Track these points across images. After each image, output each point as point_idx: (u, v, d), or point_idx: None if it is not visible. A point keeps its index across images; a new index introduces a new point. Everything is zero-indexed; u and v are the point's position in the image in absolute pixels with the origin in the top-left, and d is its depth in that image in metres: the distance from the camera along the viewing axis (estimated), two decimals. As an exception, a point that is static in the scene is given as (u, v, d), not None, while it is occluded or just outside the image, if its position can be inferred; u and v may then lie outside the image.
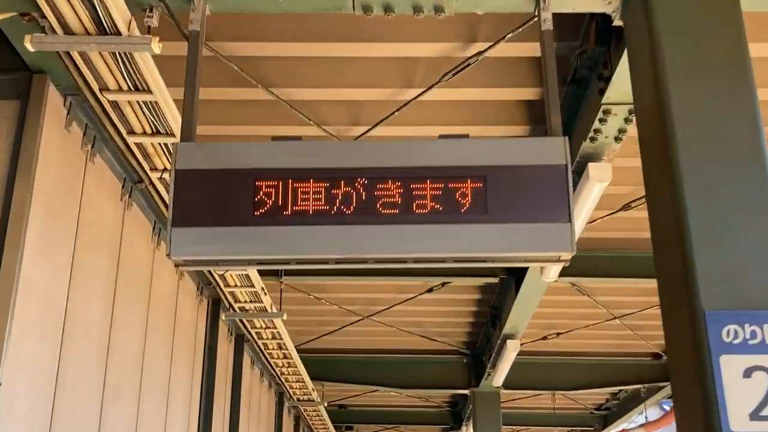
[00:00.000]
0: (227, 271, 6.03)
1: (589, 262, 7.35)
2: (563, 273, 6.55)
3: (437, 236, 2.91)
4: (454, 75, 4.51)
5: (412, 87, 4.85)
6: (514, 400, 12.23)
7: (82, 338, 4.62)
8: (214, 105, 4.97)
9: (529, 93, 4.86)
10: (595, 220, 6.42)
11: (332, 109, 5.10)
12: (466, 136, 3.06)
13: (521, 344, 8.29)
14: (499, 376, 9.05)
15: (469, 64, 4.43)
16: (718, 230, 2.77)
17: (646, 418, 11.83)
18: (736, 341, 2.65)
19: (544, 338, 9.60)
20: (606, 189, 4.82)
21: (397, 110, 4.89)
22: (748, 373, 2.61)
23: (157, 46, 3.30)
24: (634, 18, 3.36)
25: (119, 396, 5.25)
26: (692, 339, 2.69)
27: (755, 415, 2.56)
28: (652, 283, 7.85)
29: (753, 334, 2.66)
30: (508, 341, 8.00)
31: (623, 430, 12.29)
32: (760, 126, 2.96)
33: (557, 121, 3.08)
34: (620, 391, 11.86)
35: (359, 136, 5.11)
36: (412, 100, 4.79)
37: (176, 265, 3.01)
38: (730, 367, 2.62)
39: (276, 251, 2.94)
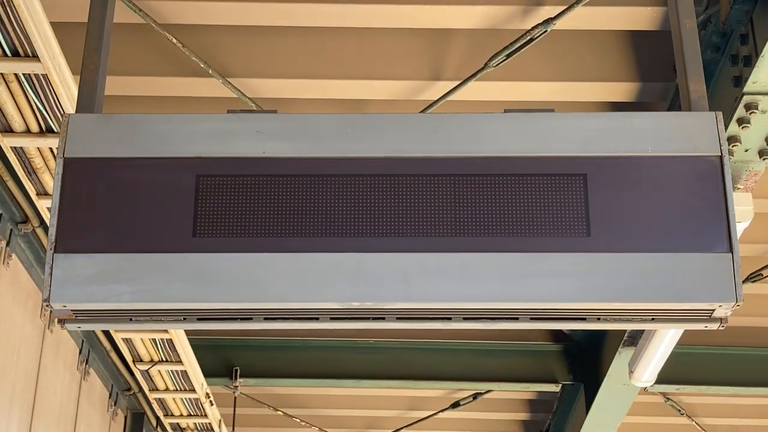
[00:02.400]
0: (144, 328, 5.42)
1: (693, 364, 6.88)
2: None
3: (505, 274, 2.35)
4: (507, 58, 4.06)
5: (440, 79, 4.41)
6: None
7: None
8: (145, 102, 4.53)
9: (621, 90, 4.42)
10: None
11: (320, 110, 4.65)
12: (551, 110, 2.53)
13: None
14: None
15: (531, 40, 3.98)
16: None
17: None
18: None
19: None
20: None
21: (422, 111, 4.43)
22: None
23: None
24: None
25: None
26: None
27: None
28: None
29: None
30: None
31: None
32: None
33: (701, 89, 2.57)
34: None
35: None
36: (440, 99, 4.36)
37: (59, 321, 2.43)
38: None
39: (231, 295, 2.38)
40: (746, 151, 3.95)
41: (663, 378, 6.24)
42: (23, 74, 3.42)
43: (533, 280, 2.36)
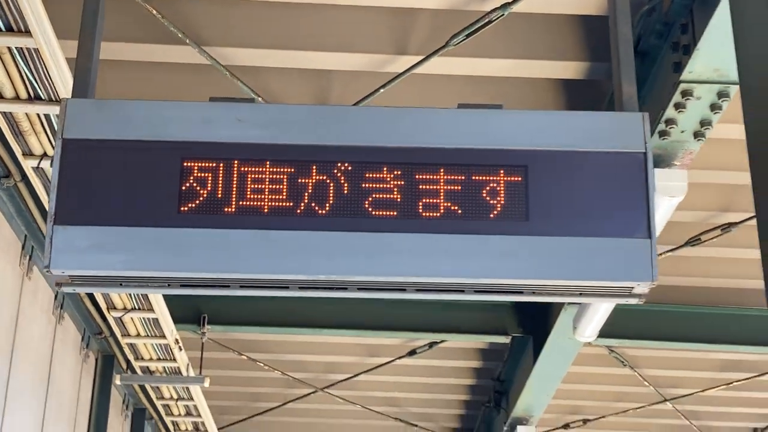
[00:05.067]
0: (133, 292, 5.72)
1: (636, 319, 7.22)
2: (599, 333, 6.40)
3: (453, 252, 2.68)
4: (467, 37, 4.34)
5: (405, 53, 4.68)
6: None
7: None
8: (124, 68, 4.75)
9: (571, 69, 4.71)
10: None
11: (290, 80, 4.92)
12: (499, 106, 2.84)
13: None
14: (502, 478, 8.83)
15: (489, 22, 4.26)
16: None
17: None
18: None
19: (566, 426, 9.48)
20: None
21: (383, 87, 4.71)
22: None
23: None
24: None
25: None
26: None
27: None
28: (723, 352, 7.71)
29: None
30: (519, 428, 7.83)
31: None
32: None
33: (631, 90, 2.89)
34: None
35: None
36: (405, 72, 4.63)
37: (57, 284, 2.72)
38: None
39: (210, 266, 2.69)
40: (682, 132, 4.27)
41: (606, 332, 6.62)
42: (16, 48, 3.66)
43: (477, 258, 2.68)
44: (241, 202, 2.72)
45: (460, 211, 2.71)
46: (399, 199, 2.72)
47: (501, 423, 8.32)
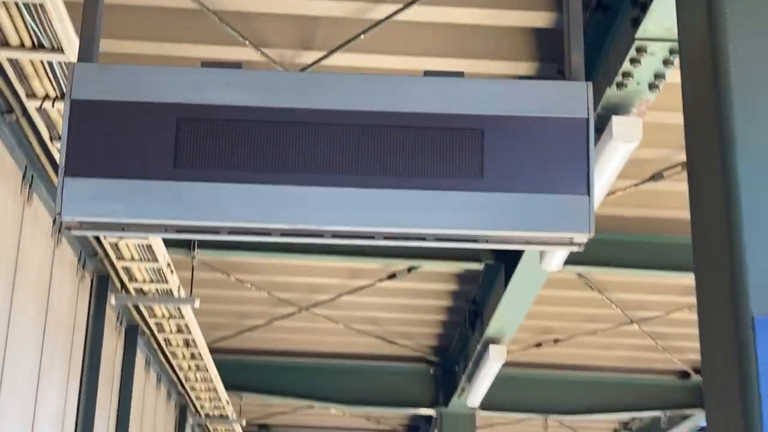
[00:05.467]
0: (133, 237, 6.09)
1: (604, 248, 7.59)
2: (569, 260, 6.77)
3: (417, 205, 3.03)
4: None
5: (384, 2, 4.97)
6: (493, 425, 12.55)
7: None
8: (119, 12, 5.02)
9: (541, 19, 5.01)
10: (614, 192, 6.61)
11: (276, 26, 5.21)
12: (461, 74, 3.17)
13: (508, 352, 8.54)
14: (476, 393, 9.31)
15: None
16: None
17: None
18: (792, 356, 2.82)
19: (538, 345, 9.93)
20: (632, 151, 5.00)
21: (363, 33, 5.02)
22: (805, 396, 2.78)
23: None
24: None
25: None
26: (736, 351, 2.85)
27: (812, 452, 2.73)
28: (686, 279, 8.11)
29: (814, 348, 2.82)
30: (492, 347, 8.25)
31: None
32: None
33: (579, 61, 3.21)
34: (634, 419, 12.24)
35: (311, 65, 5.22)
36: (384, 19, 4.93)
37: (67, 228, 3.08)
38: (783, 389, 2.78)
39: (203, 216, 3.03)
40: (638, 84, 4.60)
41: (575, 260, 7.00)
42: (23, 3, 3.96)
43: (438, 211, 3.04)
44: (230, 158, 3.06)
45: (424, 169, 3.06)
46: (369, 158, 3.07)
47: (475, 342, 8.76)
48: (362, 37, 5.04)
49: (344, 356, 10.59)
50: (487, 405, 10.34)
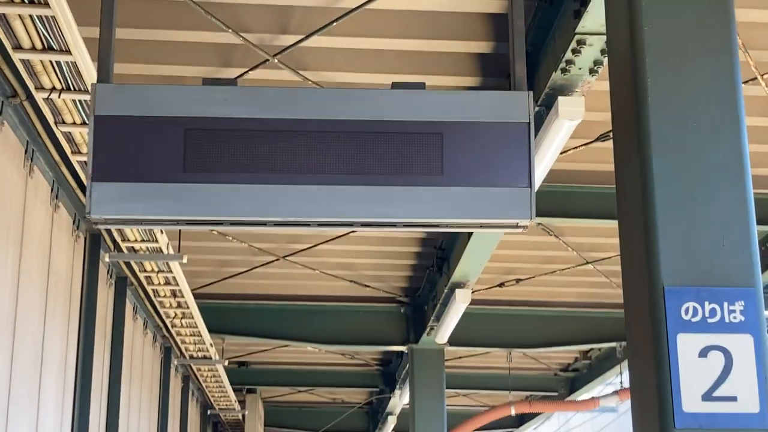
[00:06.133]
0: (151, 228, 6.64)
1: (560, 199, 8.19)
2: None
3: (388, 199, 3.63)
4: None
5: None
6: (461, 357, 13.24)
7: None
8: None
9: (495, 4, 5.54)
10: (567, 150, 7.21)
11: (255, 13, 5.68)
12: (423, 85, 3.75)
13: (473, 292, 9.15)
14: (444, 331, 9.93)
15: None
16: (684, 200, 3.55)
17: (621, 383, 12.97)
18: (694, 319, 3.46)
19: (501, 285, 10.50)
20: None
21: (336, 20, 5.53)
22: (704, 352, 3.43)
23: None
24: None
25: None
26: (650, 315, 3.49)
27: (708, 396, 3.39)
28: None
29: (712, 313, 3.47)
30: (457, 291, 8.82)
31: (593, 397, 13.48)
32: (738, 85, 3.72)
33: (522, 72, 3.79)
34: (591, 349, 12.96)
35: (288, 47, 5.74)
36: (357, 7, 5.44)
37: (95, 224, 3.66)
38: (686, 346, 3.43)
39: (208, 211, 3.62)
40: (579, 69, 5.15)
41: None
42: (36, 15, 4.47)
43: (405, 203, 3.65)
44: (229, 163, 3.64)
45: (392, 169, 3.66)
46: (347, 160, 3.66)
47: (443, 286, 9.34)
48: (335, 24, 5.57)
49: (320, 299, 11.17)
50: (454, 341, 10.96)
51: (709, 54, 3.71)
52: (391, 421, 15.59)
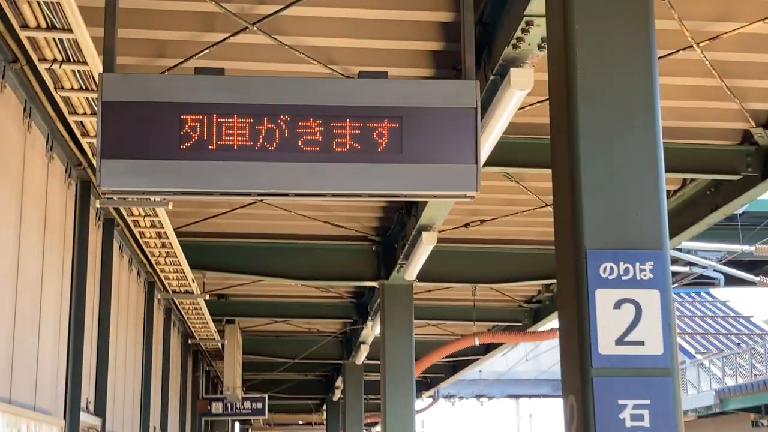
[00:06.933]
0: (153, 197, 7.21)
1: (520, 149, 8.78)
2: (492, 162, 7.99)
3: (355, 174, 4.25)
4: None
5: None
6: (429, 291, 13.94)
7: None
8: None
9: (449, 15, 6.10)
10: (525, 107, 7.81)
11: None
12: (385, 74, 4.34)
13: (439, 232, 9.78)
14: (413, 269, 10.57)
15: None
16: (604, 178, 4.19)
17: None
18: (611, 277, 4.13)
19: (467, 225, 11.12)
20: (537, 75, 6.13)
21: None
22: (618, 304, 4.10)
23: None
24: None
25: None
26: (575, 273, 4.16)
27: (620, 341, 4.08)
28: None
29: (626, 271, 4.14)
30: (424, 233, 9.45)
31: (553, 328, 14.26)
32: (654, 80, 4.34)
33: (471, 63, 4.39)
34: (553, 283, 13.68)
35: (268, 16, 6.28)
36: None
37: (103, 194, 4.26)
38: (603, 299, 4.10)
39: (201, 184, 4.23)
40: (529, 45, 5.71)
41: (496, 162, 8.25)
42: (43, 1, 5.01)
43: (370, 178, 4.26)
44: (218, 142, 4.24)
45: (359, 147, 4.27)
46: (320, 140, 4.26)
47: (411, 227, 9.96)
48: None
49: (297, 237, 11.77)
50: (423, 277, 11.57)
51: (630, 54, 4.33)
52: (364, 350, 16.36)
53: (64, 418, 8.24)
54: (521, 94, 5.94)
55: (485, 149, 7.25)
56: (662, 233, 4.20)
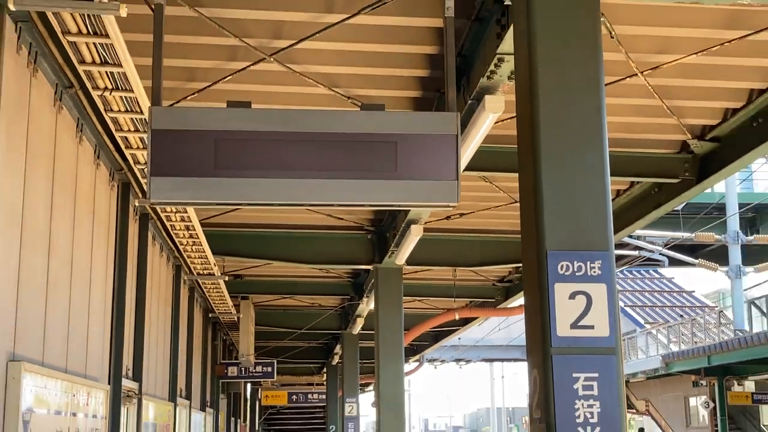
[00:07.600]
0: (192, 206, 7.47)
1: (494, 157, 9.03)
2: (470, 168, 8.27)
3: (357, 189, 4.53)
4: (372, 9, 5.99)
5: (332, 12, 6.29)
6: (416, 272, 14.26)
7: (32, 238, 6.09)
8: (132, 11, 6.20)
9: (434, 49, 6.36)
10: (500, 121, 8.10)
11: (255, 24, 6.46)
12: (382, 107, 4.62)
13: (425, 223, 10.07)
14: (402, 255, 10.88)
15: (384, 2, 5.91)
16: (562, 191, 4.49)
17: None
18: (567, 273, 4.44)
19: (448, 218, 11.44)
20: (508, 97, 6.37)
21: (318, 32, 6.34)
22: (573, 296, 4.41)
23: (123, 10, 4.66)
24: None
25: (57, 287, 6.81)
26: (537, 270, 4.46)
27: (574, 325, 4.39)
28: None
29: (579, 268, 4.45)
30: (412, 226, 9.75)
31: (521, 305, 14.56)
32: (602, 114, 4.63)
33: (452, 96, 4.67)
34: (521, 265, 13.97)
35: (282, 49, 6.55)
36: (336, 23, 6.24)
37: (152, 205, 4.53)
38: (561, 291, 4.41)
39: (232, 197, 4.51)
40: (500, 76, 5.99)
41: (475, 167, 8.52)
42: (99, 43, 5.25)
43: (372, 191, 4.54)
44: (245, 162, 4.52)
45: (361, 167, 4.55)
46: (326, 161, 4.54)
47: (401, 220, 10.23)
48: (317, 34, 6.38)
49: (303, 227, 12.10)
50: (411, 261, 11.93)
51: (583, 83, 4.61)
52: (359, 322, 16.68)
53: (109, 383, 8.54)
54: (494, 116, 6.23)
55: (465, 158, 7.54)
56: (608, 237, 4.50)
